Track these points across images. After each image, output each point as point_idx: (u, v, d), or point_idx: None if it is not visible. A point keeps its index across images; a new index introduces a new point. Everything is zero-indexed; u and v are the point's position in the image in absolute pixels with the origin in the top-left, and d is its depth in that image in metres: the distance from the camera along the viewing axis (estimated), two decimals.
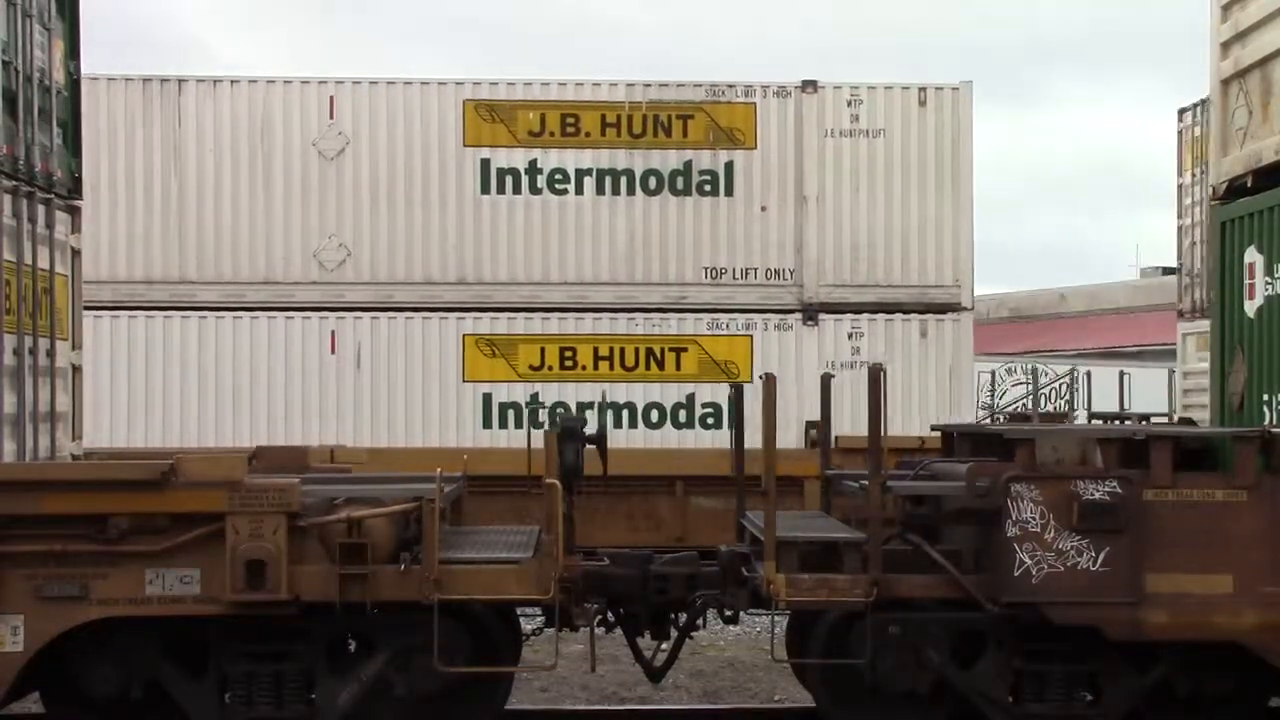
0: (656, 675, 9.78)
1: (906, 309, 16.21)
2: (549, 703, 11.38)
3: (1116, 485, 8.63)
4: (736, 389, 10.63)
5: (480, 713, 9.37)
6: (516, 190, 16.15)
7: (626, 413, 16.05)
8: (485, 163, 16.15)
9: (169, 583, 8.52)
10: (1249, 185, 10.85)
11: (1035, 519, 8.64)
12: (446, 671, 8.78)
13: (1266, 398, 10.34)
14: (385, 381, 15.92)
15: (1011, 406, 29.54)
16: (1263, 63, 10.73)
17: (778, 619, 9.45)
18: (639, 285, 16.20)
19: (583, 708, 11.21)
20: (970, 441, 10.06)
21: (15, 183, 9.82)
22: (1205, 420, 14.07)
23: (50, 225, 10.40)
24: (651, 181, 16.21)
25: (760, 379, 9.24)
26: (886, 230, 16.25)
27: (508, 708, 9.74)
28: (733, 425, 10.66)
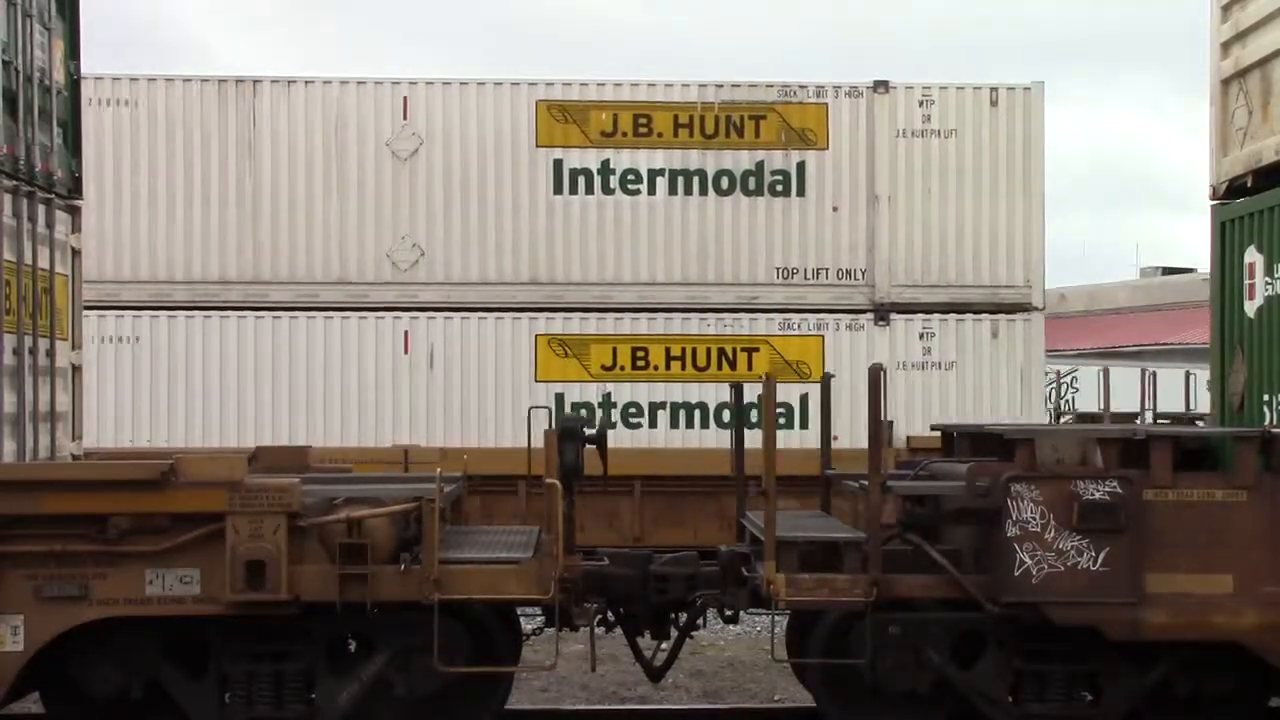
0: (656, 675, 9.78)
1: (977, 309, 16.24)
2: (549, 703, 11.38)
3: (1116, 485, 8.62)
4: (736, 388, 10.64)
5: (480, 713, 9.37)
6: (589, 191, 16.23)
7: (699, 413, 16.09)
8: (558, 163, 16.23)
9: (169, 583, 8.51)
10: (1249, 185, 10.85)
11: (1035, 519, 8.63)
12: (446, 671, 8.78)
13: (1266, 398, 10.34)
14: (458, 382, 15.98)
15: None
16: (1263, 63, 10.73)
17: (778, 619, 9.45)
18: (711, 285, 16.27)
19: (583, 708, 11.21)
20: (970, 441, 10.06)
21: (15, 182, 9.81)
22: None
23: (50, 225, 10.40)
24: (724, 182, 16.28)
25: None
26: (958, 230, 16.30)
27: (508, 708, 9.74)
28: (733, 425, 10.66)
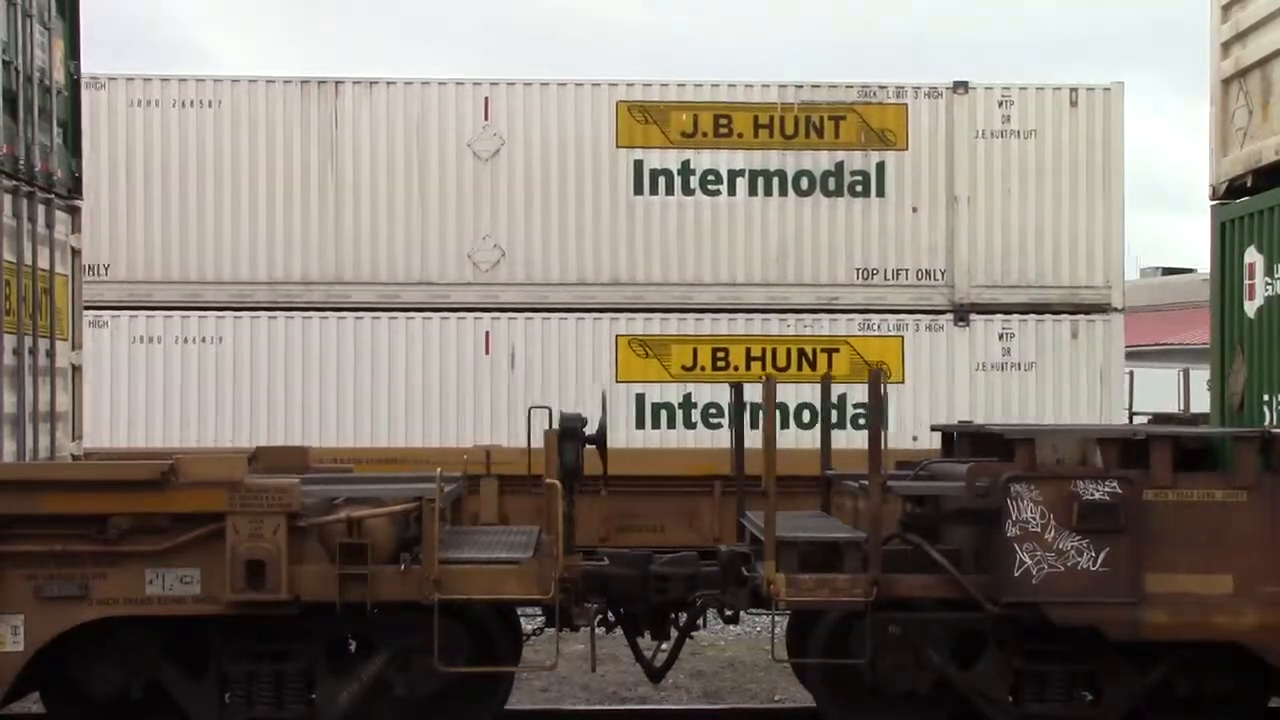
0: (656, 675, 9.78)
1: (1057, 310, 16.26)
2: (549, 703, 11.38)
3: (1116, 485, 8.62)
4: (736, 388, 10.64)
5: (480, 713, 9.37)
6: (669, 191, 16.27)
7: (778, 413, 16.05)
8: (638, 164, 16.27)
9: (169, 583, 8.51)
10: (1249, 185, 10.85)
11: (1035, 519, 8.63)
12: (446, 671, 8.78)
13: (1266, 398, 10.34)
14: (539, 382, 16.00)
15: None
16: (1263, 63, 10.73)
17: (778, 619, 9.45)
18: (791, 286, 16.29)
19: (583, 708, 11.21)
20: (970, 441, 10.06)
21: (15, 182, 9.81)
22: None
23: (50, 225, 10.40)
24: (803, 182, 16.30)
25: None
26: (1037, 231, 16.32)
27: (508, 708, 9.74)
28: (733, 425, 10.66)
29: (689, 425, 15.99)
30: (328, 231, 16.10)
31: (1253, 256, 10.62)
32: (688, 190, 16.23)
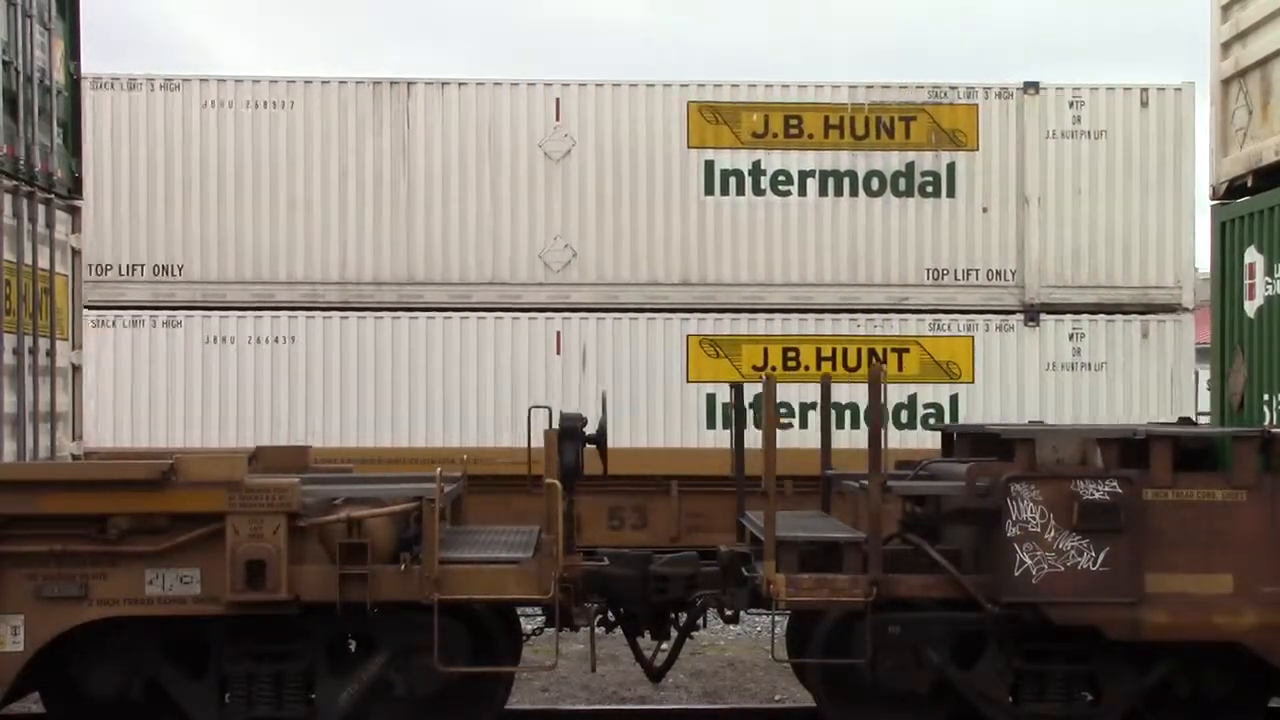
0: (656, 675, 9.78)
1: (1127, 310, 16.24)
2: (549, 703, 11.39)
3: (1116, 485, 8.62)
4: (737, 388, 10.64)
5: (480, 713, 9.36)
6: (740, 192, 16.29)
7: (849, 413, 16.09)
8: (709, 164, 16.30)
9: (169, 583, 8.52)
10: (1249, 185, 10.85)
11: (1035, 519, 8.63)
12: (446, 671, 8.78)
13: (1266, 398, 10.34)
14: (610, 382, 15.90)
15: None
16: (1263, 63, 10.73)
17: (778, 619, 9.45)
18: (861, 286, 16.30)
19: (583, 708, 11.21)
20: (970, 441, 10.06)
21: (15, 182, 9.82)
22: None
23: (50, 225, 10.41)
24: (874, 183, 16.31)
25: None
26: (1108, 231, 16.30)
27: (508, 708, 9.74)
28: (733, 424, 10.66)
29: (759, 425, 15.89)
30: (400, 232, 16.15)
31: (1253, 256, 10.63)
32: (758, 191, 16.27)
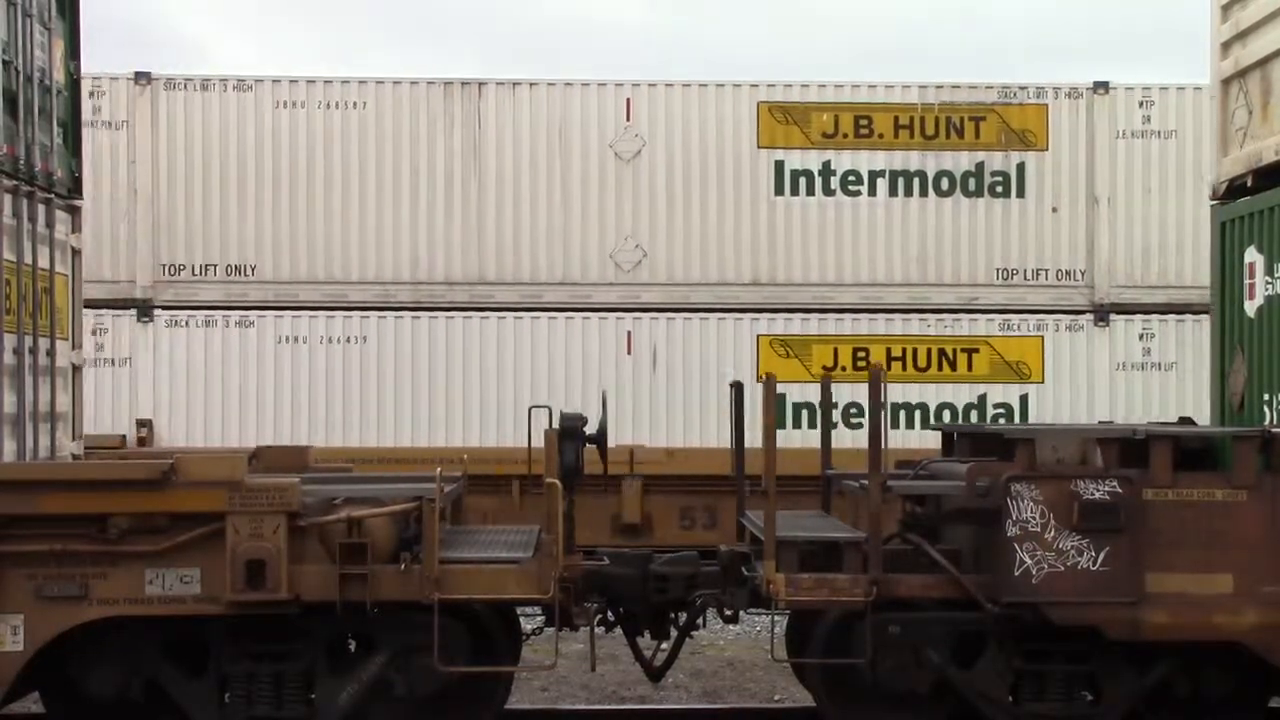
0: (656, 675, 9.78)
1: (1197, 310, 16.07)
2: (549, 702, 11.39)
3: (1116, 485, 8.62)
4: (736, 388, 10.64)
5: (480, 713, 9.36)
6: (810, 192, 16.30)
7: (919, 413, 16.17)
8: (779, 164, 16.31)
9: (169, 583, 8.51)
10: (1249, 185, 10.84)
11: (1035, 519, 8.63)
12: (446, 671, 8.78)
13: (1266, 398, 10.33)
14: (680, 382, 16.03)
15: None
16: (1263, 63, 10.72)
17: (778, 619, 9.45)
18: (931, 286, 16.32)
19: (583, 707, 11.21)
20: (970, 441, 10.06)
21: (15, 182, 9.81)
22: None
23: (50, 225, 10.40)
24: (944, 183, 16.33)
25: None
26: (1178, 231, 16.28)
27: (508, 707, 9.74)
28: (732, 424, 10.65)
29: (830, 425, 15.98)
30: (471, 232, 16.19)
31: (1253, 256, 10.62)
32: (828, 191, 16.30)
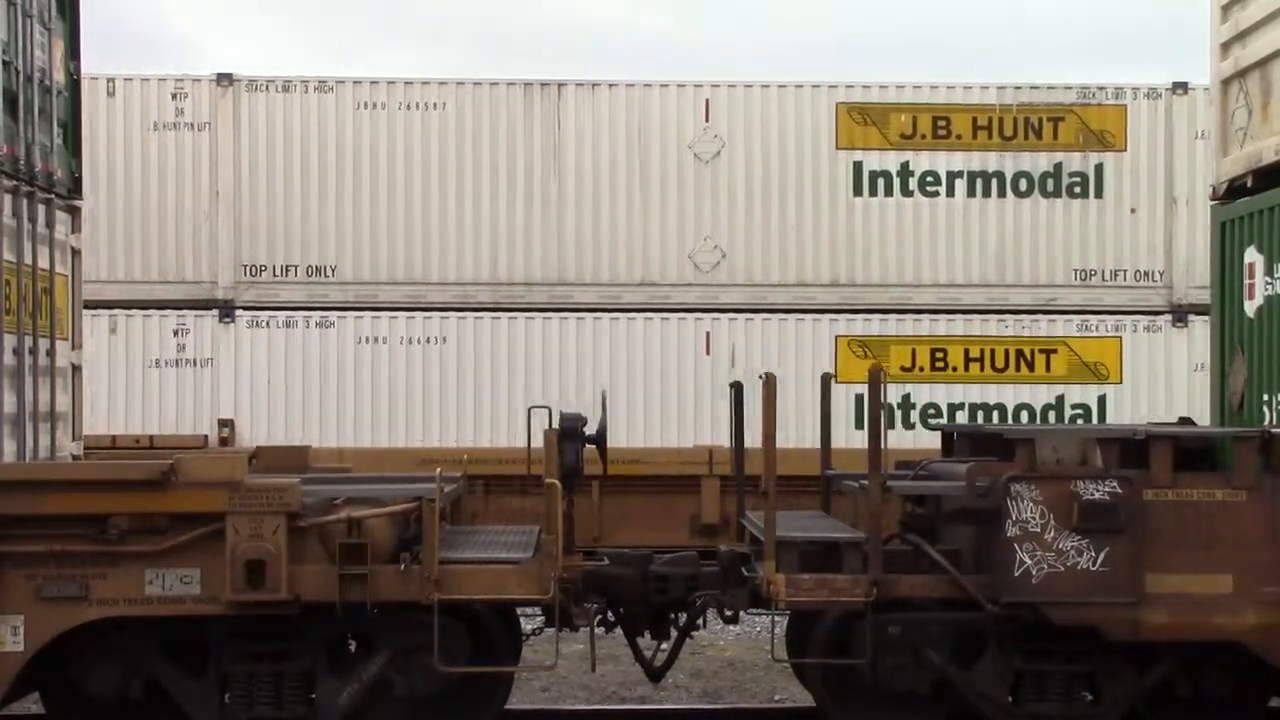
0: (656, 675, 9.77)
1: None
2: (549, 703, 11.38)
3: (1116, 485, 8.62)
4: (736, 388, 10.64)
5: (480, 713, 9.36)
6: (888, 193, 16.34)
7: (997, 414, 16.20)
8: (857, 165, 16.36)
9: (169, 583, 8.52)
10: (1249, 185, 10.84)
11: (1035, 519, 8.63)
12: (446, 671, 8.78)
13: (1266, 398, 10.33)
14: (759, 382, 16.00)
15: None
16: (1263, 63, 10.71)
17: (778, 619, 9.45)
18: (1009, 287, 16.34)
19: (583, 708, 11.21)
20: (970, 441, 10.06)
21: (15, 182, 9.82)
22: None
23: (50, 225, 10.41)
24: (1022, 183, 16.36)
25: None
26: None
27: (508, 708, 9.73)
28: (732, 424, 10.65)
29: (908, 426, 15.99)
30: (550, 233, 16.23)
31: (1253, 256, 10.62)
32: (907, 191, 16.33)
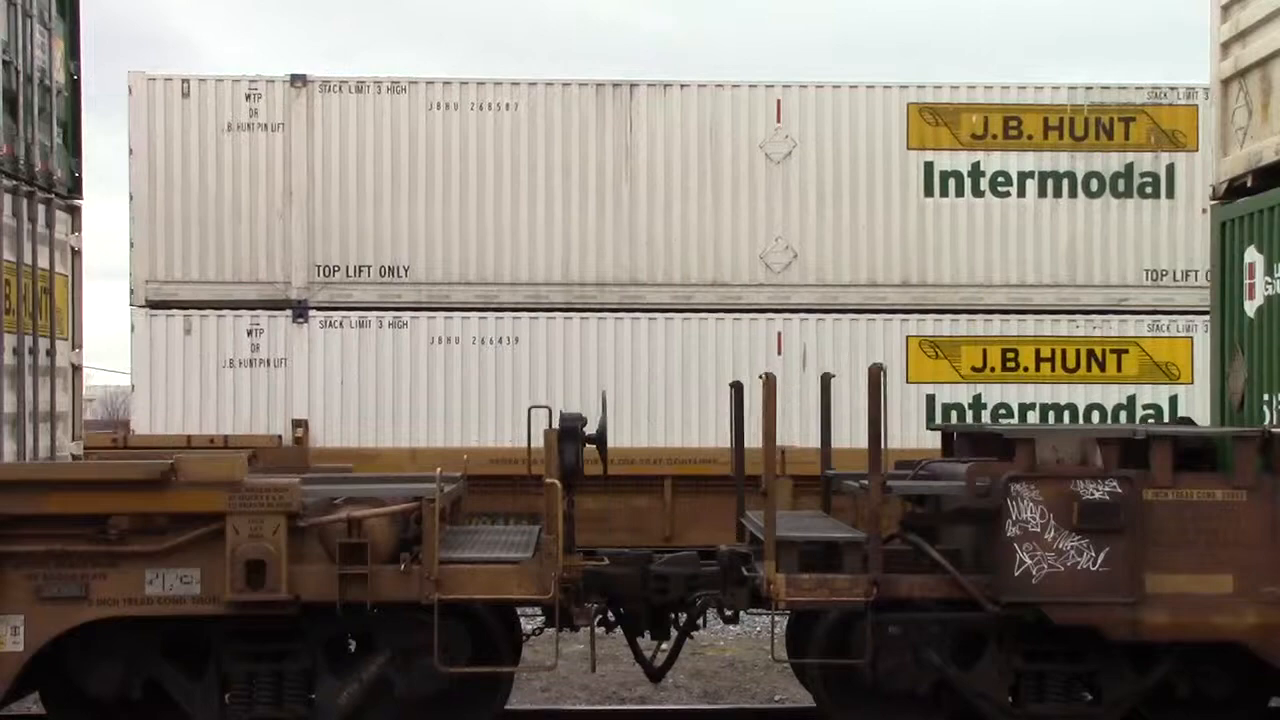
0: (656, 675, 9.77)
1: None
2: (549, 703, 11.38)
3: (1116, 485, 8.62)
4: (736, 388, 10.63)
5: (480, 713, 9.36)
6: (959, 193, 16.40)
7: (1068, 414, 16.21)
8: (929, 165, 16.43)
9: (169, 583, 8.51)
10: (1249, 185, 10.84)
11: (1035, 519, 8.63)
12: (446, 671, 8.78)
13: (1266, 398, 10.33)
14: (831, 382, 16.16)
15: None
16: (1263, 63, 10.72)
17: (778, 619, 9.45)
18: (1080, 287, 16.40)
19: (583, 708, 11.21)
20: (970, 441, 10.06)
21: (15, 182, 9.82)
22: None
23: (50, 225, 10.41)
24: (1093, 184, 16.41)
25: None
26: None
27: (508, 708, 9.74)
28: (732, 424, 10.65)
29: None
30: (622, 233, 16.29)
31: (1253, 256, 10.62)
32: (978, 192, 16.39)
